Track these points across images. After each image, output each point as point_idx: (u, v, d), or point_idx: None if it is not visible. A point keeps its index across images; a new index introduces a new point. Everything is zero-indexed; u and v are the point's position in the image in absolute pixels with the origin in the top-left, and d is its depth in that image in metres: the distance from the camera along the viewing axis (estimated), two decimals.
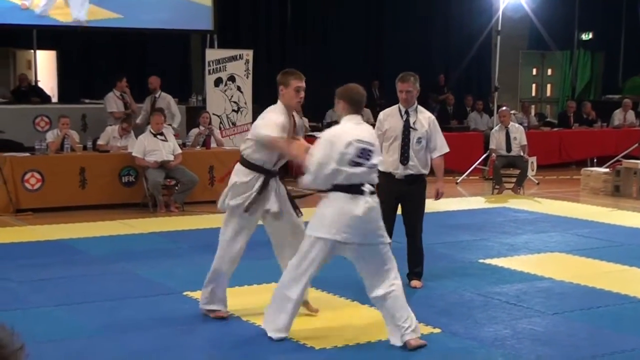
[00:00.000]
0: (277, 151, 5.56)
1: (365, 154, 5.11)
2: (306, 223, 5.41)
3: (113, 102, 12.78)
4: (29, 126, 12.85)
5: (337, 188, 5.11)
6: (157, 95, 12.94)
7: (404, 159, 6.69)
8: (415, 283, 6.89)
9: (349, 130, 5.18)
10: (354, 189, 5.09)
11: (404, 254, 6.91)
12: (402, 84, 6.75)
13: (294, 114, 5.77)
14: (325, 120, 15.34)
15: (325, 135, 5.28)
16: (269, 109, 5.70)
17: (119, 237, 9.09)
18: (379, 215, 5.16)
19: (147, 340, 5.43)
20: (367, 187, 5.11)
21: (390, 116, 6.83)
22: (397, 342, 5.18)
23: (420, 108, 6.88)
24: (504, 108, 13.51)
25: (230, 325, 5.81)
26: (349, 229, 5.06)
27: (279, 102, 5.66)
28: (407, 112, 6.77)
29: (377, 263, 5.17)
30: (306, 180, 5.17)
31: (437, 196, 6.97)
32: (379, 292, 5.16)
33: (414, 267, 6.94)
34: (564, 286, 6.97)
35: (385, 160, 6.63)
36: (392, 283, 5.16)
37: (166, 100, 13.01)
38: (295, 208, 5.81)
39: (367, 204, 5.08)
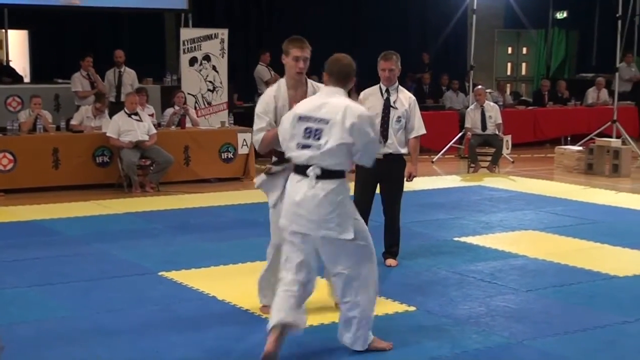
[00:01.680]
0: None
1: (311, 133, 4.54)
2: None
3: (78, 81, 12.72)
4: (1, 106, 12.72)
5: (293, 169, 4.69)
6: (122, 70, 12.90)
7: (383, 137, 6.62)
8: (390, 262, 6.92)
9: (305, 103, 4.73)
10: (299, 170, 4.60)
11: (380, 232, 6.94)
12: (385, 62, 6.72)
13: (311, 83, 5.37)
14: None
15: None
16: None
17: (94, 218, 9.03)
18: (328, 204, 4.52)
19: (121, 321, 5.41)
20: (312, 171, 4.51)
21: (371, 95, 6.81)
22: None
23: (401, 88, 6.87)
24: (479, 87, 13.54)
25: (207, 304, 5.81)
26: (291, 216, 4.63)
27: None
28: (387, 91, 6.77)
29: (329, 260, 4.67)
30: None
31: (409, 177, 6.96)
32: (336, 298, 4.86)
33: (390, 247, 6.97)
34: (537, 264, 7.03)
35: None
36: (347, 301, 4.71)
37: (132, 75, 13.00)
38: None
39: (311, 190, 4.52)
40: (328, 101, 4.61)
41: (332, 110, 4.54)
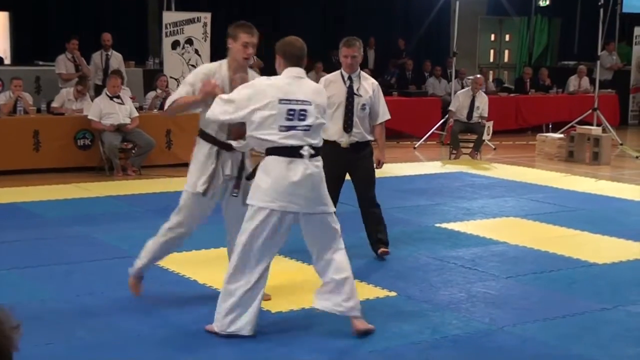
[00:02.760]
0: (187, 108, 5.16)
1: (295, 114, 4.65)
2: None
3: (63, 63, 12.67)
4: None
5: (272, 151, 4.68)
6: (109, 53, 12.86)
7: (348, 126, 6.48)
8: (382, 251, 6.69)
9: (276, 85, 4.71)
10: (290, 152, 4.65)
11: (353, 217, 6.91)
12: (348, 48, 6.48)
13: (250, 71, 5.29)
14: None
15: (249, 86, 4.78)
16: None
17: (75, 201, 9.00)
18: (320, 182, 4.74)
19: (102, 304, 5.41)
20: (306, 150, 4.66)
21: (333, 82, 6.56)
22: (326, 306, 4.85)
23: (363, 74, 6.65)
24: (478, 76, 13.38)
25: (187, 288, 5.82)
26: (287, 197, 4.63)
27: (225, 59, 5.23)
28: (350, 78, 6.53)
29: (321, 234, 4.78)
30: (209, 114, 4.81)
31: (378, 165, 6.79)
32: (321, 263, 4.83)
33: (376, 235, 6.75)
34: (518, 250, 7.07)
35: (329, 128, 6.38)
36: (334, 258, 4.78)
37: (118, 59, 12.95)
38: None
39: (307, 169, 4.65)
40: (301, 83, 4.76)
41: (310, 92, 4.76)
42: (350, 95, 6.52)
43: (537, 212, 8.68)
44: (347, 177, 6.77)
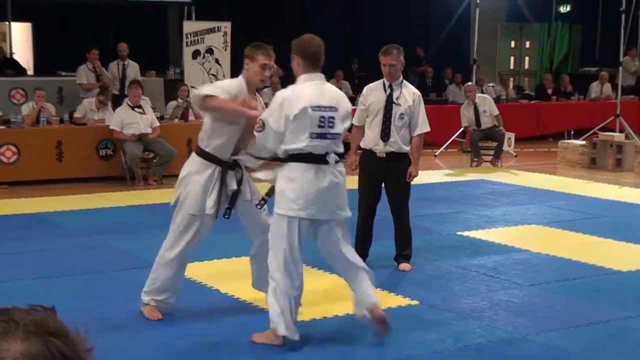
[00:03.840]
0: (226, 112, 5.05)
1: (326, 121, 4.70)
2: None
3: (84, 73, 12.78)
4: (5, 99, 12.70)
5: (296, 158, 4.70)
6: (125, 63, 12.96)
7: (385, 135, 6.44)
8: (404, 266, 6.63)
9: (305, 92, 4.71)
10: (317, 159, 4.70)
11: (377, 225, 6.88)
12: (385, 57, 6.46)
13: (257, 94, 5.32)
14: None
15: (277, 97, 4.78)
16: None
17: (97, 211, 9.04)
18: (345, 187, 4.86)
19: (125, 313, 5.42)
20: (332, 157, 4.74)
21: (374, 90, 6.57)
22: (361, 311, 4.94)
23: (405, 83, 6.60)
24: (468, 83, 13.44)
25: (210, 297, 5.82)
26: (315, 205, 4.69)
27: (240, 76, 5.21)
28: (390, 87, 6.50)
29: (334, 238, 4.87)
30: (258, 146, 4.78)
31: (409, 178, 6.63)
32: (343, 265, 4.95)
33: (402, 250, 6.70)
34: (540, 258, 7.03)
35: (367, 136, 6.49)
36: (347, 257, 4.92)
37: (135, 68, 13.04)
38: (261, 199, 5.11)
39: (334, 177, 4.74)
40: (325, 89, 4.82)
41: (335, 97, 4.83)
42: (389, 103, 6.47)
43: (559, 220, 8.63)
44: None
